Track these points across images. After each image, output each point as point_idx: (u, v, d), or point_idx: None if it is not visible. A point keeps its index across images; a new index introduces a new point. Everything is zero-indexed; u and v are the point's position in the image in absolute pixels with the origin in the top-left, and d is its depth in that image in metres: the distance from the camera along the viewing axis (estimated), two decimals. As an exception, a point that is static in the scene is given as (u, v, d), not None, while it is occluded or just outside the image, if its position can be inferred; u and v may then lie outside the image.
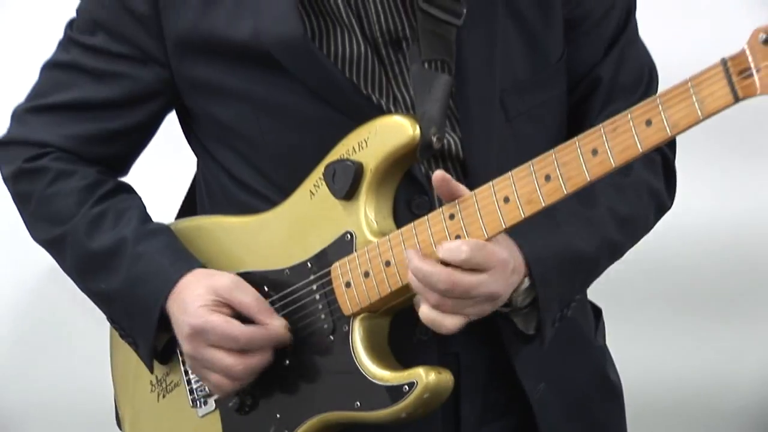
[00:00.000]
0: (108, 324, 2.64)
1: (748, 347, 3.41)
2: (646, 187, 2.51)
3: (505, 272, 2.26)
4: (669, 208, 2.58)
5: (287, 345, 2.42)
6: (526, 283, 2.32)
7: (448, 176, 2.25)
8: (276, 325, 2.40)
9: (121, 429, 2.68)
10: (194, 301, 2.41)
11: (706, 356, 3.42)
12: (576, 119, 2.52)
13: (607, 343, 2.68)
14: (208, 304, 2.41)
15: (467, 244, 2.21)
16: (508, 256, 2.27)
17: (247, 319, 2.41)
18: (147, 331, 2.49)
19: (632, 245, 2.53)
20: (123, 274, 2.50)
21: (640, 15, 2.57)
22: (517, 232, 2.28)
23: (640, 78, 2.54)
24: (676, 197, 2.59)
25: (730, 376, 3.44)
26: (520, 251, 2.31)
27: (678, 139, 2.24)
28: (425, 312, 2.26)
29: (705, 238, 2.93)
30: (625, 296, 2.68)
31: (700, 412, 3.44)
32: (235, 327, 2.39)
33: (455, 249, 2.22)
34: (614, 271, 2.54)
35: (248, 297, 2.42)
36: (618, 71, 2.52)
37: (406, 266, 2.30)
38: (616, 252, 2.49)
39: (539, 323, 2.37)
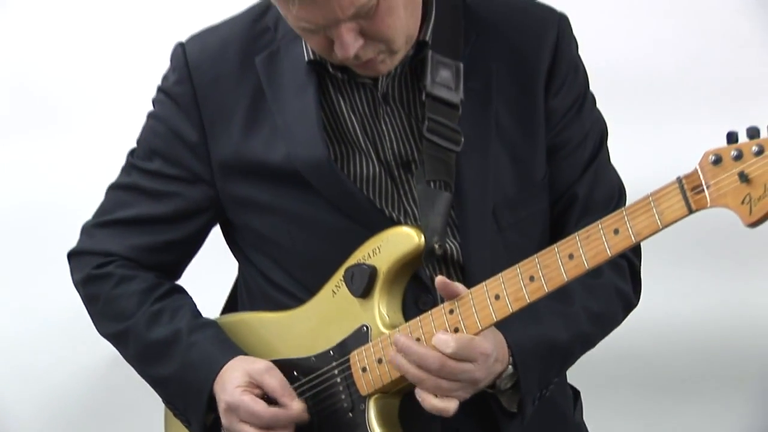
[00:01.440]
0: (162, 404, 2.64)
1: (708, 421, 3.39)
2: (614, 289, 2.51)
3: (487, 362, 2.28)
4: (635, 305, 2.57)
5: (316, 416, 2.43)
6: (510, 369, 2.34)
7: (447, 280, 2.27)
8: (296, 407, 2.41)
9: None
10: (231, 381, 2.42)
11: (672, 427, 3.42)
12: (556, 229, 2.52)
13: (585, 419, 2.66)
14: (241, 385, 2.41)
15: (454, 340, 2.24)
16: (491, 347, 2.28)
17: (274, 402, 2.42)
18: (198, 411, 2.49)
19: (603, 337, 2.52)
20: (178, 360, 2.50)
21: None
22: (503, 324, 2.29)
23: (611, 196, 2.54)
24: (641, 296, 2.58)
25: None
26: (505, 341, 2.32)
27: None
28: (431, 402, 2.28)
29: (667, 330, 2.91)
30: (600, 380, 2.64)
31: None
32: (260, 407, 2.40)
33: (443, 342, 2.24)
34: (590, 358, 2.54)
35: (275, 381, 2.42)
36: (592, 189, 2.52)
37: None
38: (588, 343, 2.50)
39: (521, 402, 2.38)
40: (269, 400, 2.42)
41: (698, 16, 3.34)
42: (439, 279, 2.28)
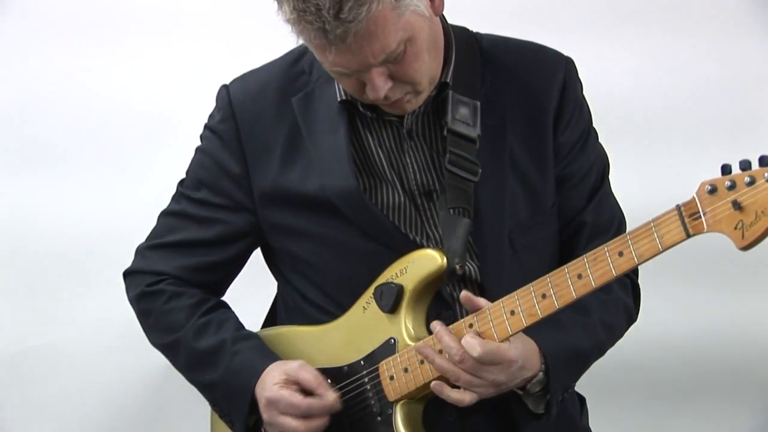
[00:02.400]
0: (208, 408, 2.64)
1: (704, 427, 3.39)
2: (622, 304, 2.52)
3: (511, 368, 2.28)
4: (636, 320, 2.58)
5: (348, 418, 2.43)
6: (541, 375, 2.34)
7: (471, 295, 2.29)
8: (330, 397, 2.40)
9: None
10: (270, 380, 2.42)
11: (682, 428, 3.41)
12: (565, 251, 2.51)
13: (590, 424, 2.65)
14: (279, 382, 2.41)
15: (481, 345, 2.24)
16: (518, 356, 2.29)
17: (311, 393, 2.41)
18: (241, 413, 2.48)
19: (611, 347, 2.52)
20: (223, 367, 2.50)
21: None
22: (537, 332, 2.31)
23: (612, 223, 2.54)
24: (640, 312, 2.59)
25: None
26: (538, 349, 2.33)
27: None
28: (447, 393, 2.29)
29: (666, 342, 2.89)
30: (604, 388, 2.63)
31: None
32: (297, 398, 2.39)
33: (471, 346, 2.25)
34: (595, 368, 2.53)
35: (310, 375, 2.42)
36: (598, 217, 2.52)
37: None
38: (601, 351, 2.51)
39: (548, 404, 2.37)
40: (305, 394, 2.41)
41: (689, 60, 3.35)
42: (464, 294, 2.29)
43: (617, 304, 2.50)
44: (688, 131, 3.34)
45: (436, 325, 2.31)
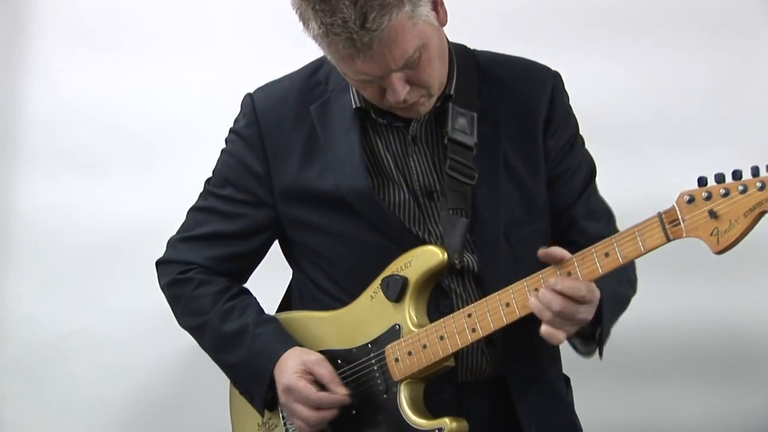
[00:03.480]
0: (227, 383, 2.62)
1: (683, 407, 3.40)
2: (628, 277, 2.50)
3: (593, 306, 2.26)
4: (635, 294, 2.55)
5: (357, 396, 2.41)
6: (590, 316, 2.30)
7: (550, 250, 2.24)
8: (340, 393, 2.39)
9: (235, 456, 2.66)
10: (289, 368, 2.41)
11: (645, 408, 3.39)
12: (563, 240, 2.46)
13: (575, 401, 2.62)
14: (297, 371, 2.40)
15: (585, 285, 2.21)
16: (596, 297, 2.27)
17: (324, 387, 2.41)
18: (260, 390, 2.47)
19: (628, 305, 2.51)
20: (246, 348, 2.48)
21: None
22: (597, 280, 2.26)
23: (604, 211, 2.54)
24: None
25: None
26: (599, 294, 2.29)
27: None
28: (544, 329, 2.24)
29: (636, 331, 2.86)
30: (585, 371, 2.62)
31: None
32: (311, 391, 2.39)
33: (576, 288, 2.21)
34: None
35: (325, 371, 2.41)
36: (590, 206, 2.51)
37: (438, 346, 2.32)
38: (628, 303, 2.49)
39: (599, 341, 2.37)
40: (320, 385, 2.40)
41: (667, 72, 3.33)
42: (542, 251, 2.24)
43: (630, 274, 2.50)
44: (666, 138, 3.32)
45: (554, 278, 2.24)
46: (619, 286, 2.41)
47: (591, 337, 2.36)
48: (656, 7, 3.33)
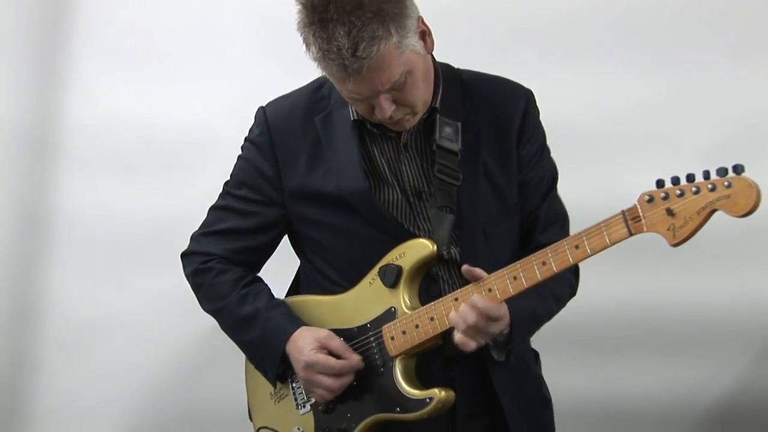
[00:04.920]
0: (242, 360, 2.59)
1: (638, 379, 3.39)
2: (567, 281, 2.48)
3: (502, 323, 2.26)
4: (575, 293, 2.53)
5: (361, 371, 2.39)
6: (507, 329, 2.30)
7: (471, 267, 2.25)
8: (356, 359, 2.36)
9: (251, 420, 2.59)
10: (306, 346, 2.37)
11: (604, 379, 3.38)
12: (524, 240, 2.47)
13: (543, 373, 2.60)
14: (314, 348, 2.36)
15: (503, 307, 2.23)
16: (506, 313, 2.27)
17: (338, 357, 2.37)
18: (273, 365, 2.43)
19: (557, 313, 2.48)
20: (259, 329, 2.44)
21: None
22: (507, 299, 2.26)
23: (559, 217, 2.50)
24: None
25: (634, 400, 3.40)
26: (509, 310, 2.28)
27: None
28: (458, 337, 2.24)
29: (596, 311, 2.83)
30: (552, 345, 2.62)
31: (619, 425, 3.41)
32: (333, 360, 2.35)
33: (495, 308, 2.22)
34: (547, 329, 2.48)
35: (337, 343, 2.37)
36: (549, 211, 2.48)
37: (429, 326, 2.30)
38: (550, 316, 2.47)
39: (509, 352, 2.35)
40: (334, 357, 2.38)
41: (624, 89, 3.31)
42: (465, 267, 2.25)
43: (564, 281, 2.46)
44: (624, 146, 3.31)
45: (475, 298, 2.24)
46: (539, 305, 2.39)
47: (503, 346, 2.34)
48: (613, 33, 3.32)
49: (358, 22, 2.13)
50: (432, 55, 2.35)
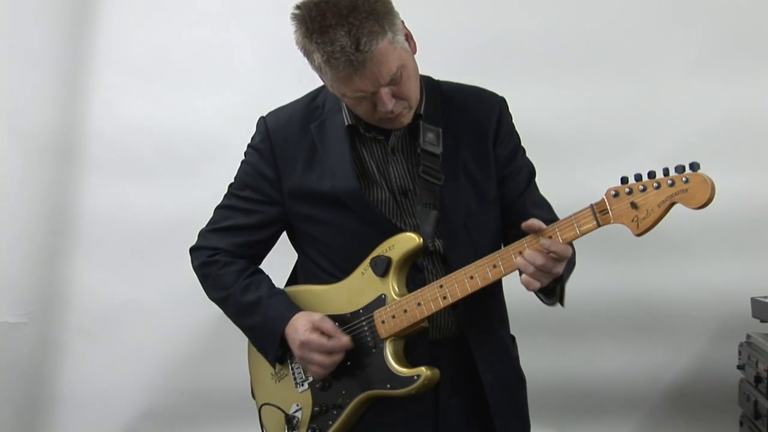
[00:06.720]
0: (246, 343, 2.54)
1: (605, 361, 3.37)
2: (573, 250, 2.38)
3: (563, 264, 2.19)
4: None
5: (351, 350, 2.34)
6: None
7: (529, 222, 2.16)
8: (346, 339, 2.32)
9: (254, 398, 2.54)
10: (301, 327, 2.33)
11: (574, 361, 3.38)
12: (507, 234, 2.42)
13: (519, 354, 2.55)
14: (308, 329, 2.32)
15: (569, 249, 2.16)
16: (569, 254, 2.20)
17: (330, 338, 2.33)
18: (273, 348, 2.39)
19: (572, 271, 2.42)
20: (261, 315, 2.40)
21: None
22: None
23: (544, 203, 2.46)
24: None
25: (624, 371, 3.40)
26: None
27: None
28: (524, 278, 2.17)
29: (577, 295, 2.76)
30: (526, 331, 2.58)
31: (586, 402, 3.39)
32: (324, 340, 2.31)
33: (566, 249, 2.14)
34: (522, 315, 2.47)
35: (329, 325, 2.33)
36: (533, 196, 2.44)
37: (416, 310, 2.27)
38: (571, 272, 2.39)
39: (561, 292, 2.30)
40: (327, 337, 2.33)
41: (592, 96, 3.32)
42: (525, 224, 2.16)
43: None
44: (592, 148, 3.31)
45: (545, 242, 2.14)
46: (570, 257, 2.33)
47: (552, 291, 2.29)
48: (583, 47, 3.33)
49: (356, 22, 2.11)
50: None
